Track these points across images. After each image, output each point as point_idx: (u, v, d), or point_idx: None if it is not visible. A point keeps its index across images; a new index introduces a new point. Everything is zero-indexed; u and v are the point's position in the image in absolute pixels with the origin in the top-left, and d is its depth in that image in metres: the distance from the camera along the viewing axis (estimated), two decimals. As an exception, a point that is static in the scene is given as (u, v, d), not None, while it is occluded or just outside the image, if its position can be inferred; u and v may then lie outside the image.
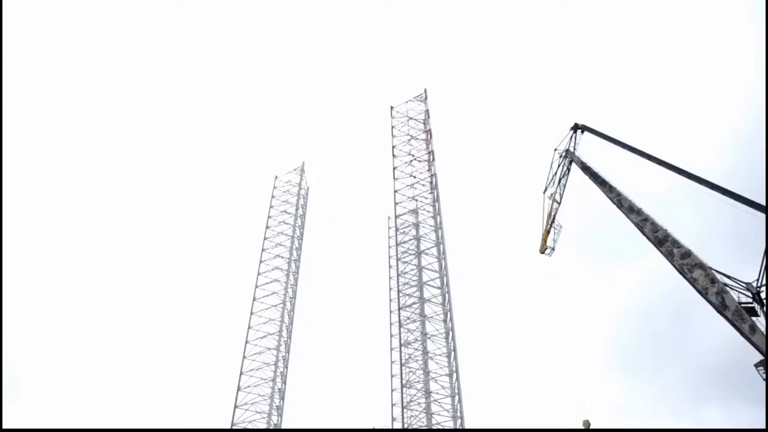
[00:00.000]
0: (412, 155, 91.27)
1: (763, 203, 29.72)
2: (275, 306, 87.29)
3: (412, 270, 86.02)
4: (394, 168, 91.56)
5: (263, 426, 76.82)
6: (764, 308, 29.23)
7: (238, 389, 79.71)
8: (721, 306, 30.77)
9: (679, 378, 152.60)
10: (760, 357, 28.65)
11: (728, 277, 31.32)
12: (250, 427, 76.22)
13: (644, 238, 36.63)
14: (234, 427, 74.20)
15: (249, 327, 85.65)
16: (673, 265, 34.41)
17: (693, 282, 32.91)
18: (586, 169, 42.03)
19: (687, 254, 33.80)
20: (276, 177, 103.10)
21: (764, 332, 28.58)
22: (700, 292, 32.49)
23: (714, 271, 31.94)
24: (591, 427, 41.55)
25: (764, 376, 28.64)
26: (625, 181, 39.54)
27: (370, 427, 61.52)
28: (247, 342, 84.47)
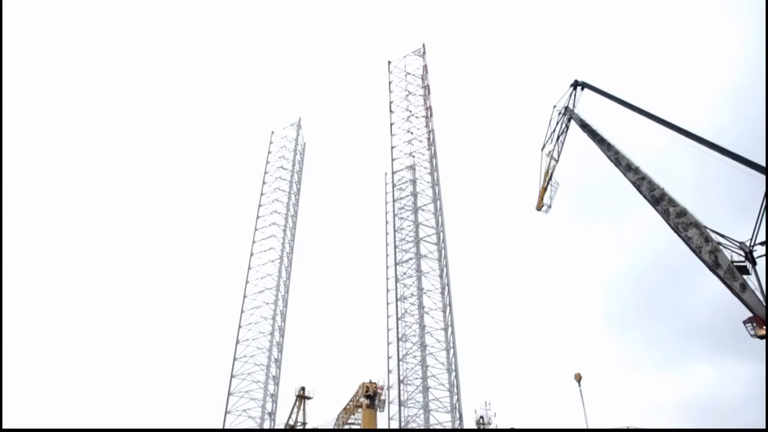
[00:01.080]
0: (410, 111, 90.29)
1: (759, 162, 29.71)
2: (273, 261, 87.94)
3: (408, 226, 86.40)
4: (392, 124, 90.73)
5: (262, 377, 78.54)
6: (756, 266, 29.63)
7: (237, 342, 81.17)
8: (714, 264, 31.16)
9: (671, 333, 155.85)
10: (749, 314, 29.20)
11: (722, 236, 31.58)
12: (249, 380, 77.91)
13: (641, 196, 36.80)
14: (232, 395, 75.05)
15: (246, 281, 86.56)
16: (669, 224, 34.64)
17: (687, 240, 33.20)
18: (585, 126, 41.74)
19: (682, 213, 33.99)
20: (272, 132, 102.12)
21: (754, 290, 29.08)
22: (694, 251, 32.82)
23: (708, 230, 32.18)
24: (582, 379, 42.49)
25: (752, 332, 29.25)
26: (623, 140, 39.40)
27: (367, 379, 62.98)
28: (245, 296, 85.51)
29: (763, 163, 29.54)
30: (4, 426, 72.23)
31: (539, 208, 46.46)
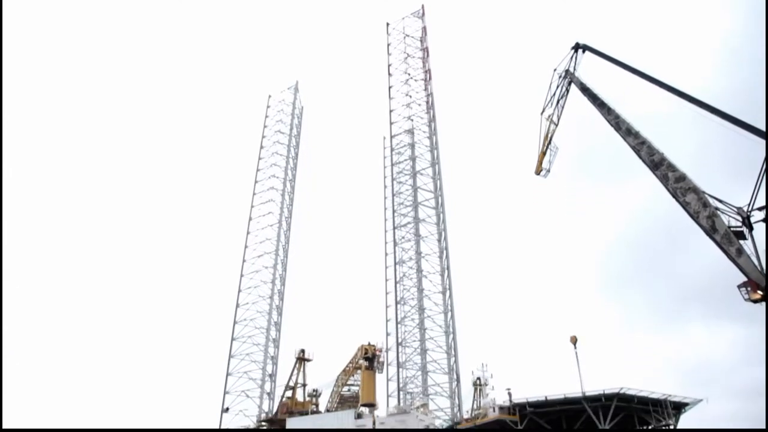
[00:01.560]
0: (409, 74, 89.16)
1: (759, 127, 29.51)
2: (271, 226, 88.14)
3: (407, 190, 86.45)
4: (390, 87, 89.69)
5: (262, 340, 79.69)
6: (753, 231, 29.74)
7: (237, 306, 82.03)
8: (711, 229, 31.28)
9: (666, 297, 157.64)
10: (744, 278, 29.47)
11: (720, 201, 31.60)
12: (250, 342, 79.05)
13: (640, 161, 36.68)
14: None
15: (245, 246, 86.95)
16: (667, 189, 34.62)
17: (685, 206, 33.24)
18: (585, 90, 41.29)
19: (681, 178, 33.94)
20: (269, 96, 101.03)
21: (750, 255, 29.27)
22: (691, 216, 32.89)
23: (707, 195, 32.19)
24: (577, 342, 42.91)
25: (746, 296, 29.58)
26: (623, 105, 39.02)
27: (366, 342, 63.84)
28: (244, 260, 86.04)
29: (763, 128, 29.34)
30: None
31: (538, 172, 46.27)
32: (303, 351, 69.34)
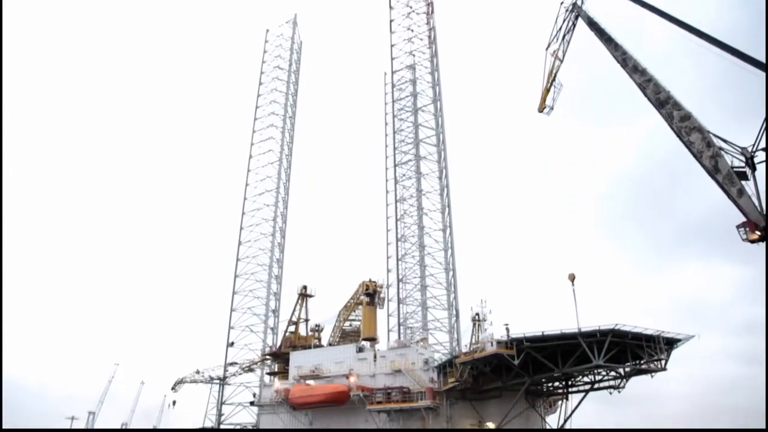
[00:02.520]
0: (410, 7, 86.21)
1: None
2: (272, 163, 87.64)
3: (408, 127, 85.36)
4: (391, 21, 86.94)
5: (264, 277, 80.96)
6: (755, 172, 29.47)
7: (239, 243, 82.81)
8: (714, 169, 30.96)
9: (666, 236, 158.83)
10: (743, 219, 29.42)
11: (724, 140, 31.09)
12: (252, 279, 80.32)
13: (645, 99, 35.91)
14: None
15: (246, 184, 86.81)
16: (672, 128, 34.02)
17: (689, 145, 32.75)
18: (593, 24, 39.87)
19: (686, 117, 33.29)
20: (267, 31, 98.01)
21: (751, 196, 29.11)
22: (695, 155, 32.47)
23: (711, 135, 31.69)
24: (575, 279, 43.47)
25: (744, 236, 29.63)
26: (630, 41, 37.82)
27: (367, 278, 64.81)
28: (245, 199, 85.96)
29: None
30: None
31: (541, 109, 45.30)
32: (305, 287, 70.53)
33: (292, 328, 68.62)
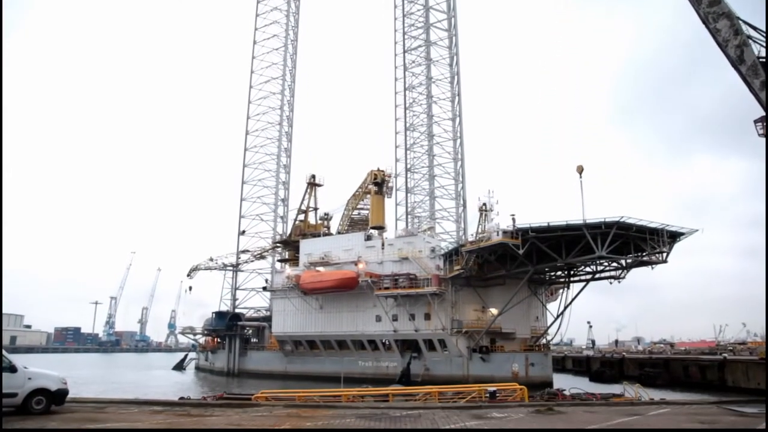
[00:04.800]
0: None
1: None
2: (277, 49, 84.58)
3: (418, 10, 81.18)
4: None
5: (273, 167, 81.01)
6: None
7: (246, 133, 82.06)
8: (738, 60, 29.29)
9: (676, 127, 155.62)
10: (761, 113, 28.40)
11: (754, 28, 29.27)
12: (261, 168, 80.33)
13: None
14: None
15: (251, 71, 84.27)
16: (698, 13, 31.90)
17: (715, 33, 30.77)
18: None
19: (716, 2, 31.18)
20: None
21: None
22: (719, 44, 30.59)
23: (741, 22, 29.78)
24: (583, 171, 42.91)
25: (761, 131, 28.79)
26: None
27: (375, 168, 64.53)
28: (251, 87, 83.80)
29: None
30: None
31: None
32: (314, 176, 70.71)
33: (301, 217, 69.62)
